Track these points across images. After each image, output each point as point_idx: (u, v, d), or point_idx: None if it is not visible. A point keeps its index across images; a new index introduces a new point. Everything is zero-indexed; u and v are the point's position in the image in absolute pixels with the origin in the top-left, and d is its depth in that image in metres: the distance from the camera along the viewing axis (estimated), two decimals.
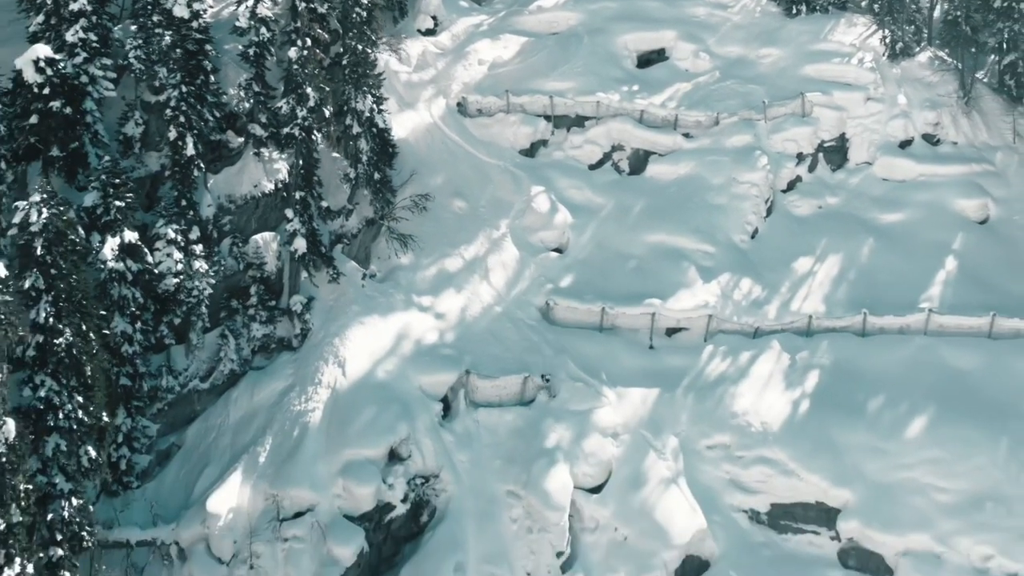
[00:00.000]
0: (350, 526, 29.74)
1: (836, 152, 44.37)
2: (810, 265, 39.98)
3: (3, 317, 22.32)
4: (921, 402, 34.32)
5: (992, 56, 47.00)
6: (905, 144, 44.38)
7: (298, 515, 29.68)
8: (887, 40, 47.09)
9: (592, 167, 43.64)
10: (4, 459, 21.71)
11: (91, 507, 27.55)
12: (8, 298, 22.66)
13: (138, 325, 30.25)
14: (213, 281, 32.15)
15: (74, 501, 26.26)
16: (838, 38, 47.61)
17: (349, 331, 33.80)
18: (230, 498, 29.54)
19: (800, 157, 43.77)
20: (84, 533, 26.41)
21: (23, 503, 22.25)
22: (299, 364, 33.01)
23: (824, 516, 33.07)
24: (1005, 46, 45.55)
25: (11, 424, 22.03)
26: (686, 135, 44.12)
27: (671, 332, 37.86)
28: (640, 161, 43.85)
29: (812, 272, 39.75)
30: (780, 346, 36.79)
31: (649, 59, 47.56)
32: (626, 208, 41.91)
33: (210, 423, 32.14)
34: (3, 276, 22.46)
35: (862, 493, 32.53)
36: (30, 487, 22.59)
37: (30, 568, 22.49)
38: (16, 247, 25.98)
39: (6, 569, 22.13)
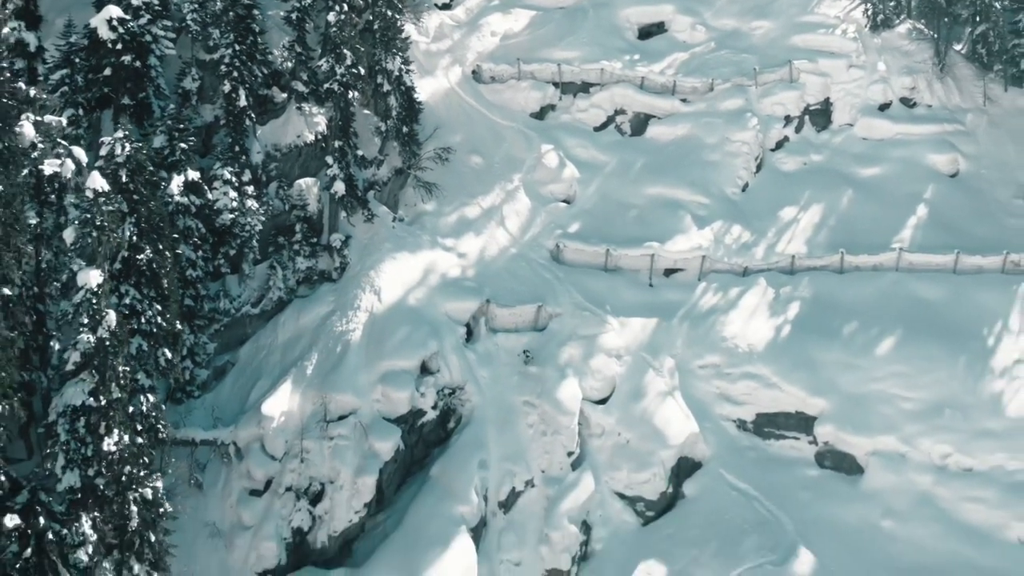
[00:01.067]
0: (388, 426, 33.91)
1: (820, 114, 48.20)
2: (794, 213, 44.01)
3: (107, 225, 26.48)
4: (890, 326, 38.57)
5: (966, 27, 51.07)
6: (884, 107, 48.11)
7: (342, 417, 33.72)
8: (869, 12, 50.86)
9: (597, 129, 47.49)
10: (107, 343, 25.83)
11: (162, 407, 31.66)
12: (111, 208, 26.83)
13: (200, 253, 34.42)
14: (263, 219, 36.25)
15: (151, 397, 30.33)
16: (824, 11, 51.40)
17: (383, 265, 37.88)
18: (282, 403, 33.65)
19: (787, 119, 47.57)
20: (159, 426, 30.47)
21: (121, 382, 26.36)
22: (339, 293, 37.12)
23: (803, 423, 37.32)
24: (977, 18, 49.42)
25: (112, 315, 26.08)
26: (683, 100, 47.92)
27: (668, 272, 41.92)
28: (641, 123, 47.76)
29: (796, 219, 43.80)
30: (766, 282, 40.90)
31: (649, 31, 51.35)
32: (628, 165, 45.89)
33: (260, 343, 36.27)
34: (106, 190, 26.60)
35: (836, 402, 36.84)
36: (127, 369, 26.71)
37: (126, 439, 26.62)
38: (103, 177, 29.97)
39: (106, 438, 26.24)
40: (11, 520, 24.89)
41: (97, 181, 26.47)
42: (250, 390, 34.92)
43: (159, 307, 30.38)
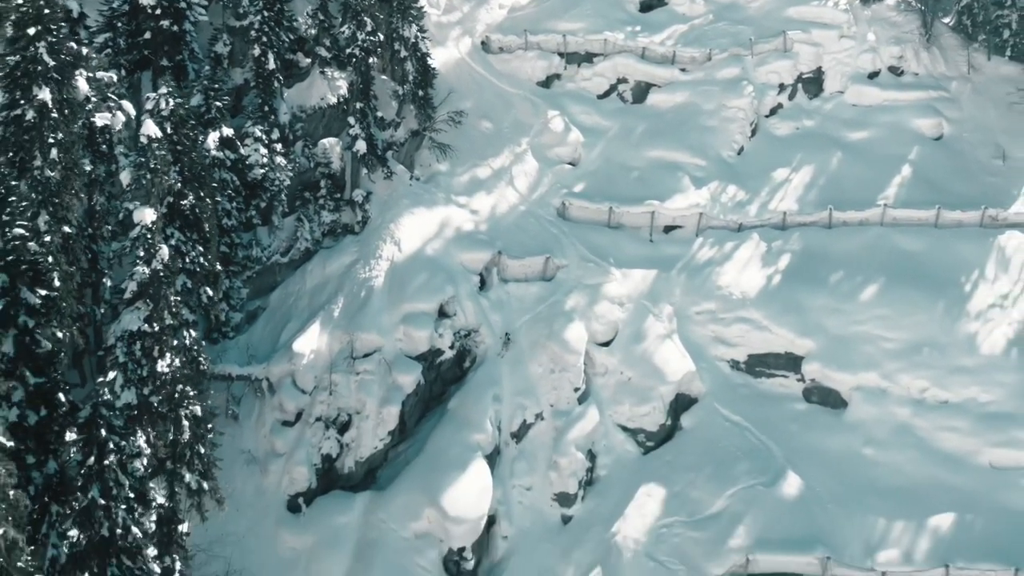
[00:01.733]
0: (410, 362, 36.78)
1: (813, 82, 50.56)
2: (786, 174, 46.48)
3: (159, 168, 29.23)
4: (874, 275, 41.35)
5: None
6: (873, 75, 50.47)
7: (367, 355, 36.51)
8: None
9: (600, 96, 49.80)
10: (161, 274, 28.58)
11: (202, 342, 34.44)
12: (163, 153, 29.54)
13: (234, 204, 37.16)
14: (290, 174, 38.99)
15: (193, 332, 33.11)
16: None
17: (402, 219, 40.57)
18: (311, 342, 36.42)
19: (781, 87, 49.85)
20: (200, 359, 33.27)
21: (173, 310, 29.12)
22: (362, 244, 39.85)
23: (791, 363, 40.13)
24: None
25: (165, 249, 28.77)
26: (682, 69, 50.14)
27: (668, 229, 44.48)
28: (642, 91, 50.11)
29: (788, 180, 46.32)
30: (759, 237, 43.53)
31: (650, 4, 53.33)
32: (629, 130, 48.40)
33: (289, 290, 39.04)
34: (158, 136, 29.33)
35: (822, 343, 39.68)
36: (179, 299, 29.47)
37: (176, 362, 29.41)
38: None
39: (159, 361, 29.02)
40: (70, 435, 27.66)
41: (150, 128, 29.23)
42: (281, 331, 37.69)
43: (201, 248, 33.14)
